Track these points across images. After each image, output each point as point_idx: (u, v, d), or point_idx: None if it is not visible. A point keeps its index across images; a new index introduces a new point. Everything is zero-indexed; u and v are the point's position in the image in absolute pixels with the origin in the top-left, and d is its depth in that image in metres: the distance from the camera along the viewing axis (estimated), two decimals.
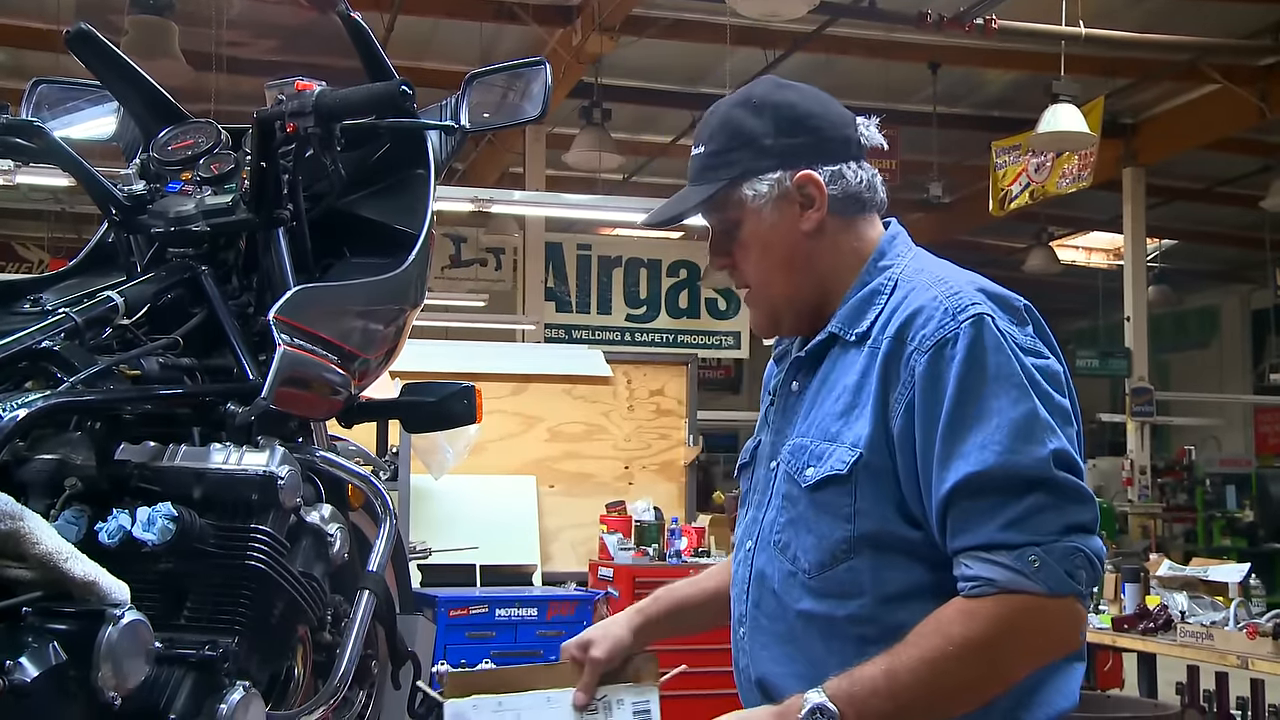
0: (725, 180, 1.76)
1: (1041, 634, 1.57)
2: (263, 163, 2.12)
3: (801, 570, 1.68)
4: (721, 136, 1.79)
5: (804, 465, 1.70)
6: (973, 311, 1.63)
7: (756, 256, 1.78)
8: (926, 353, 1.61)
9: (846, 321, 1.74)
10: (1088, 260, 17.39)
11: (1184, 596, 5.60)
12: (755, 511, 1.80)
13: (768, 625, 1.73)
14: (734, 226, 1.78)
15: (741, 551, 1.82)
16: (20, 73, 9.97)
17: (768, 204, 1.75)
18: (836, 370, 1.73)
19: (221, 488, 1.90)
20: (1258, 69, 10.74)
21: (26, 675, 1.54)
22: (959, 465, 1.56)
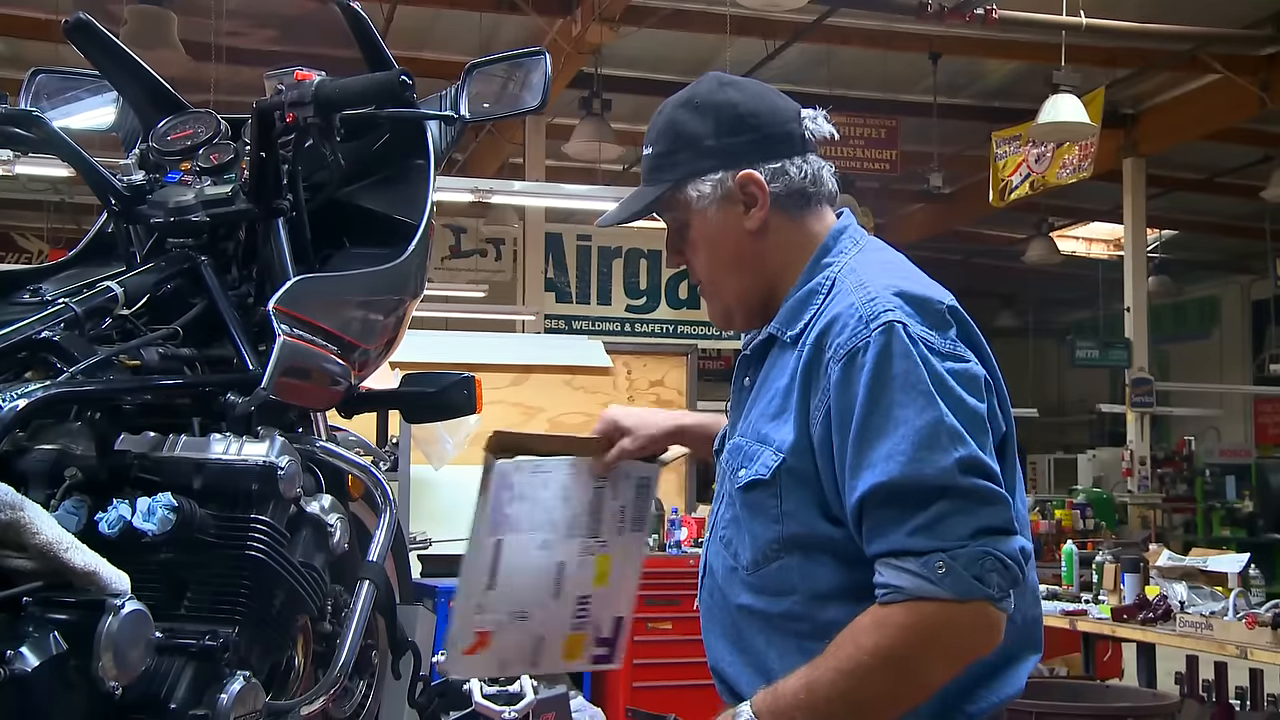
0: (670, 182, 1.79)
1: (952, 639, 1.57)
2: (262, 153, 2.12)
3: (741, 566, 1.73)
4: (666, 138, 1.81)
5: (738, 465, 1.74)
6: (884, 320, 1.61)
7: (705, 256, 1.81)
8: (840, 361, 1.62)
9: (784, 322, 1.75)
10: (1088, 251, 17.38)
11: (1183, 587, 5.60)
12: (715, 504, 1.84)
13: (718, 617, 1.78)
14: (683, 226, 1.81)
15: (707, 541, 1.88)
16: (19, 62, 9.96)
17: (711, 204, 1.77)
18: (774, 371, 1.75)
19: (221, 478, 1.90)
20: (1258, 59, 10.72)
21: (27, 665, 1.54)
22: (867, 475, 1.57)
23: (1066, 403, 20.79)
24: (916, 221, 15.71)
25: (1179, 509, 15.50)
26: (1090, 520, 10.94)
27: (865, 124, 11.88)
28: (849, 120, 11.79)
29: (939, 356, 1.61)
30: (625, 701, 5.92)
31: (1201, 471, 15.99)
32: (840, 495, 1.62)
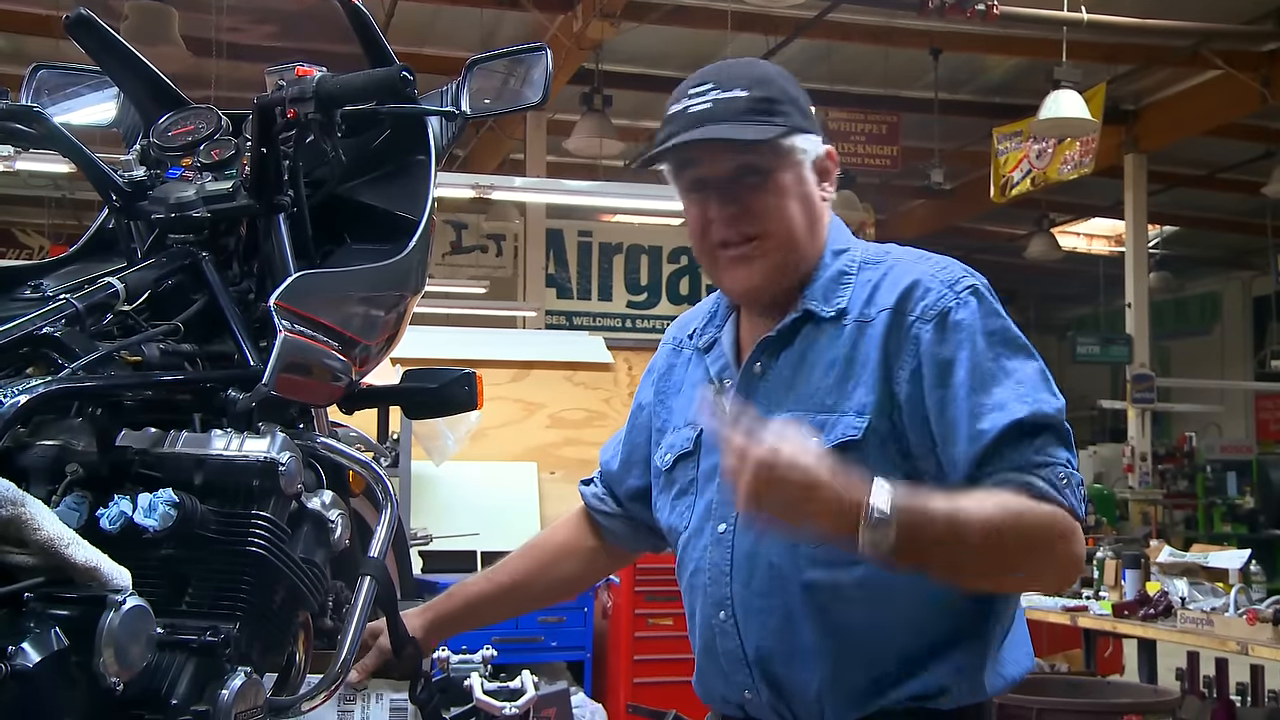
0: (784, 127, 1.76)
1: (1067, 546, 1.65)
2: (263, 149, 2.11)
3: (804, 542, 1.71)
4: (769, 87, 1.79)
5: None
6: (968, 282, 1.74)
7: (789, 207, 1.78)
8: (930, 321, 1.70)
9: (820, 300, 1.80)
10: (1089, 247, 17.38)
11: (1184, 583, 5.61)
12: (721, 495, 1.81)
13: (762, 603, 1.75)
14: (765, 173, 1.77)
15: (706, 537, 1.84)
16: (20, 58, 9.96)
17: (807, 162, 1.79)
18: (815, 347, 1.78)
19: (222, 474, 1.90)
20: (1260, 55, 10.71)
21: (28, 661, 1.54)
22: (994, 417, 1.65)
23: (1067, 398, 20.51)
24: (917, 217, 15.71)
25: (1180, 505, 15.50)
26: (1091, 516, 10.94)
27: (866, 120, 11.88)
28: (850, 116, 11.79)
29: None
30: (626, 698, 5.93)
31: (1202, 467, 15.99)
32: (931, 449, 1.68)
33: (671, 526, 1.93)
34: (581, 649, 6.05)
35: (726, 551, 1.80)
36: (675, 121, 1.79)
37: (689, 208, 1.84)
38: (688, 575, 1.89)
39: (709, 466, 1.85)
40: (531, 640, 5.79)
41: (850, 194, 12.55)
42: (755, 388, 1.82)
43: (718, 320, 1.95)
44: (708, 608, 1.82)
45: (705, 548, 1.84)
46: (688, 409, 1.93)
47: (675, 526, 1.92)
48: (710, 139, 1.75)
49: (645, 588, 6.06)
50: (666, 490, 1.95)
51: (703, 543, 1.85)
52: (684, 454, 1.92)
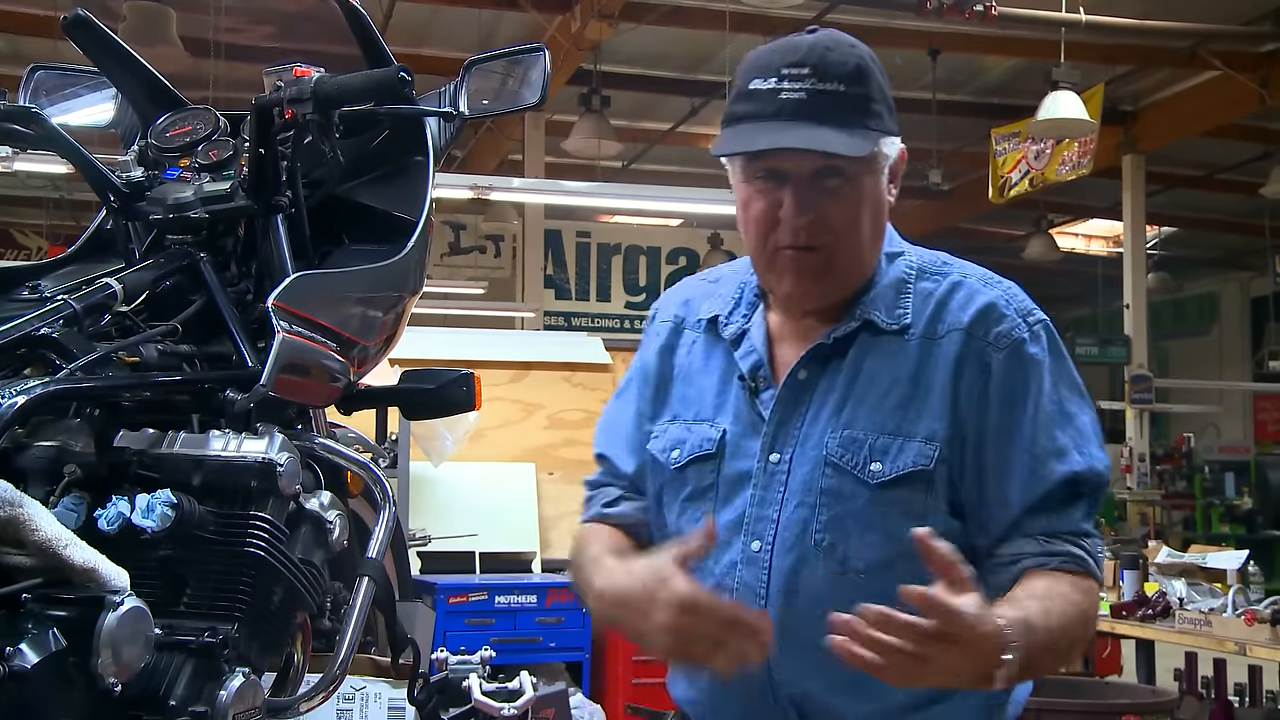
0: (879, 132, 1.62)
1: (1097, 617, 1.67)
2: (261, 149, 2.11)
3: (854, 572, 1.60)
4: (865, 84, 1.63)
5: (866, 460, 1.62)
6: (1040, 315, 1.68)
7: (862, 220, 1.64)
8: (1003, 350, 1.63)
9: (883, 310, 1.67)
10: (1087, 247, 17.38)
11: (1182, 583, 5.61)
12: (756, 509, 1.66)
13: (803, 634, 1.58)
14: (846, 179, 1.61)
15: (734, 552, 1.67)
16: (18, 59, 9.95)
17: (885, 167, 1.66)
18: (874, 360, 1.66)
19: (221, 475, 1.90)
20: (1258, 55, 10.71)
21: (26, 661, 1.54)
22: (1054, 464, 1.61)
23: None
24: (916, 218, 15.70)
25: (1178, 506, 15.50)
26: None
27: None
28: None
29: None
30: (624, 699, 5.92)
31: (1200, 468, 15.99)
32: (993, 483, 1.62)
33: (681, 532, 1.72)
34: (580, 650, 6.04)
35: (762, 573, 1.64)
36: (760, 101, 1.61)
37: (752, 198, 1.65)
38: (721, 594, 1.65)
39: (736, 473, 1.70)
40: (530, 641, 5.79)
41: None
42: (799, 396, 1.68)
43: (744, 309, 1.77)
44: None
45: (732, 564, 1.67)
46: (700, 402, 1.76)
47: (684, 532, 1.71)
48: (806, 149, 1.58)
49: None
50: (671, 488, 1.76)
51: (728, 558, 1.67)
52: (704, 455, 1.73)
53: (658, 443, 1.78)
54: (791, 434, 1.67)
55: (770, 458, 1.67)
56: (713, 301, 1.80)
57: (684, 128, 12.27)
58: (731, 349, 1.75)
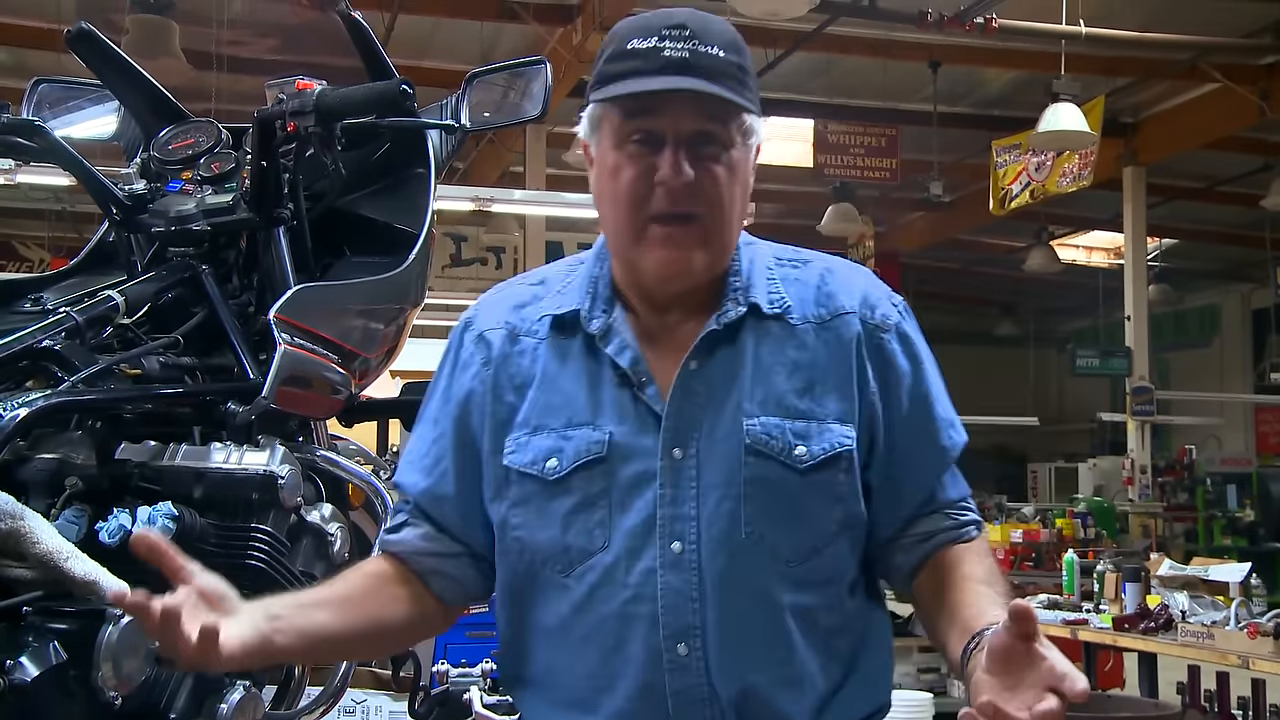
0: (754, 102, 1.58)
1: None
2: (263, 162, 2.12)
3: (785, 561, 1.56)
4: (744, 56, 1.59)
5: (790, 444, 1.56)
6: (899, 298, 1.70)
7: (733, 191, 1.58)
8: (890, 331, 1.64)
9: (761, 296, 1.62)
10: (1088, 259, 17.38)
11: (1185, 596, 5.60)
12: (669, 508, 1.56)
13: (743, 631, 1.54)
14: (722, 147, 1.56)
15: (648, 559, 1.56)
16: (22, 72, 9.96)
17: (755, 142, 1.61)
18: (767, 345, 1.61)
19: (222, 487, 1.90)
20: (1258, 68, 10.73)
21: (27, 675, 1.54)
22: (952, 434, 1.67)
23: (1067, 411, 20.77)
24: (917, 230, 15.72)
25: (1180, 518, 15.47)
26: (1091, 529, 10.92)
27: (865, 133, 11.89)
28: (849, 129, 11.80)
29: None
30: None
31: (1202, 480, 15.96)
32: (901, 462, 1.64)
33: (568, 546, 1.59)
34: None
35: (691, 575, 1.55)
36: (641, 58, 1.57)
37: (623, 164, 1.59)
38: (618, 604, 1.56)
39: (633, 474, 1.58)
40: None
41: (849, 206, 12.56)
42: (693, 387, 1.59)
43: (602, 305, 1.65)
44: (659, 640, 1.54)
45: (649, 572, 1.55)
46: (571, 404, 1.62)
47: (577, 546, 1.58)
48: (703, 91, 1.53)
49: None
50: (545, 501, 1.60)
51: (643, 565, 1.56)
52: (592, 460, 1.59)
53: (519, 456, 1.62)
54: (694, 427, 1.58)
55: (674, 454, 1.57)
56: (554, 300, 1.68)
57: None
58: (600, 345, 1.62)
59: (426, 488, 1.68)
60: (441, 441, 1.68)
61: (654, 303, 1.63)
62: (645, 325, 1.64)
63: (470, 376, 1.67)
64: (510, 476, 1.62)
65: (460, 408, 1.67)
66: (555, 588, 1.60)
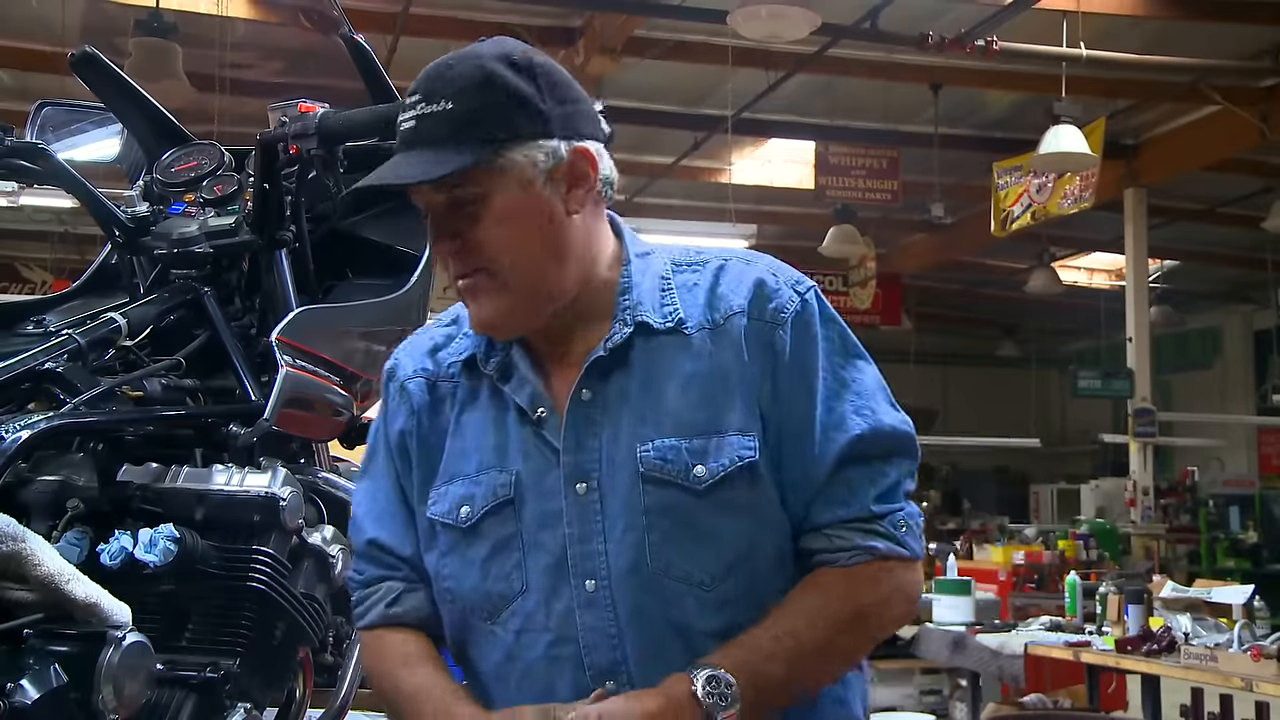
0: (490, 145, 1.48)
1: (906, 596, 1.58)
2: (265, 184, 2.12)
3: (698, 585, 1.51)
4: (482, 93, 1.49)
5: (688, 466, 1.51)
6: (807, 283, 1.60)
7: (515, 237, 1.51)
8: (783, 325, 1.55)
9: (651, 310, 1.57)
10: (1090, 281, 17.39)
11: (1188, 618, 5.58)
12: (578, 546, 1.53)
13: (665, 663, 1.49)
14: (479, 200, 1.50)
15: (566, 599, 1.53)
16: (25, 95, 10.00)
17: (540, 175, 1.51)
18: (659, 363, 1.55)
19: (223, 509, 1.90)
20: (1259, 90, 10.75)
21: (27, 697, 1.53)
22: (842, 435, 1.54)
23: (1069, 433, 20.74)
24: (918, 251, 15.73)
25: (1183, 540, 15.43)
26: (1093, 551, 10.90)
27: (867, 154, 11.90)
28: (850, 150, 11.82)
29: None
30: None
31: (1205, 502, 15.93)
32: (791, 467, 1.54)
33: (488, 592, 1.57)
34: None
35: (607, 612, 1.51)
36: (399, 135, 1.55)
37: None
38: (541, 648, 1.54)
39: (540, 514, 1.55)
40: None
41: (851, 228, 12.57)
42: (589, 417, 1.55)
43: (500, 344, 1.62)
44: (586, 680, 1.52)
45: (568, 611, 1.53)
46: (478, 450, 1.60)
47: (496, 591, 1.56)
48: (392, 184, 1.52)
49: None
50: (465, 550, 1.58)
51: (560, 606, 1.53)
52: (500, 503, 1.57)
53: (439, 506, 1.60)
54: (592, 459, 1.54)
55: (576, 489, 1.54)
56: (462, 342, 1.65)
57: (686, 161, 12.29)
58: (500, 384, 1.60)
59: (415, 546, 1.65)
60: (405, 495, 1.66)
61: (545, 333, 1.59)
62: (544, 355, 1.61)
63: (397, 430, 1.66)
64: (435, 527, 1.61)
65: (397, 459, 1.66)
66: (486, 635, 1.59)
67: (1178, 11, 9.52)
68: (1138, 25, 9.78)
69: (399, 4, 9.29)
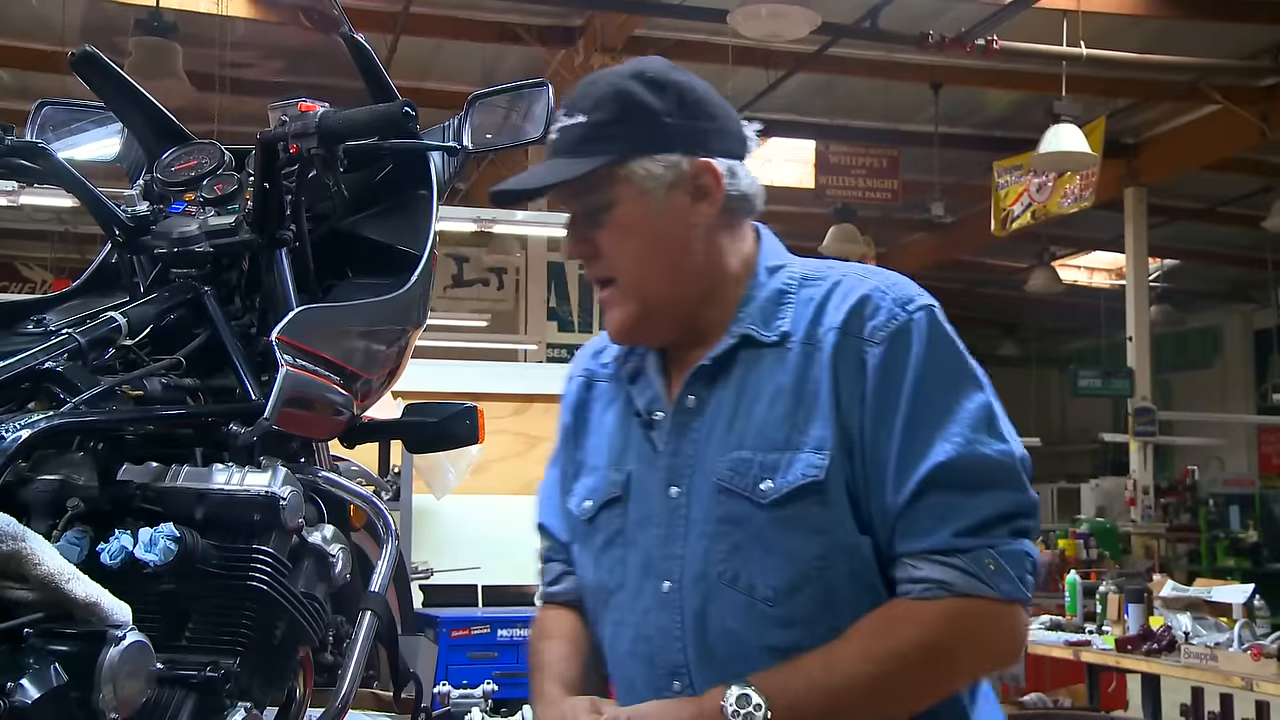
0: (613, 154, 1.56)
1: (990, 641, 1.51)
2: (266, 184, 2.12)
3: (762, 600, 1.52)
4: (613, 106, 1.57)
5: (756, 480, 1.53)
6: (921, 302, 1.57)
7: (637, 246, 1.59)
8: (880, 344, 1.52)
9: (759, 323, 1.60)
10: (1090, 280, 17.40)
11: (1188, 617, 5.59)
12: (662, 548, 1.58)
13: (724, 671, 1.51)
14: (606, 209, 1.58)
15: (649, 597, 1.59)
16: (25, 94, 10.01)
17: (659, 187, 1.57)
18: (757, 375, 1.57)
19: (224, 508, 1.90)
20: (1258, 90, 10.76)
21: (27, 697, 1.53)
22: (923, 461, 1.48)
23: (1069, 432, 20.76)
24: (918, 251, 15.73)
25: (1183, 539, 15.45)
26: (1093, 550, 10.91)
27: (867, 153, 11.92)
28: (850, 150, 11.83)
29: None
30: None
31: (1205, 501, 15.94)
32: (874, 491, 1.50)
33: (599, 584, 1.67)
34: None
35: (676, 614, 1.56)
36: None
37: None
38: (627, 642, 1.62)
39: (641, 514, 1.62)
40: None
41: (851, 227, 12.58)
42: (689, 424, 1.60)
43: (639, 348, 1.71)
44: (658, 678, 1.58)
45: (646, 610, 1.59)
46: (609, 447, 1.70)
47: (603, 584, 1.66)
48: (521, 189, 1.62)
49: None
50: (588, 541, 1.69)
51: (643, 604, 1.60)
52: (610, 499, 1.66)
53: (573, 500, 1.73)
54: (686, 464, 1.59)
55: (670, 492, 1.59)
56: (615, 345, 1.74)
57: None
58: (629, 385, 1.69)
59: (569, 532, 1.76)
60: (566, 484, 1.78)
61: (677, 340, 1.66)
62: (672, 361, 1.68)
63: (562, 424, 1.81)
64: (572, 518, 1.74)
65: (562, 451, 1.81)
66: (599, 624, 1.69)
67: (1178, 11, 9.53)
68: (1138, 24, 9.78)
69: (399, 3, 9.29)
